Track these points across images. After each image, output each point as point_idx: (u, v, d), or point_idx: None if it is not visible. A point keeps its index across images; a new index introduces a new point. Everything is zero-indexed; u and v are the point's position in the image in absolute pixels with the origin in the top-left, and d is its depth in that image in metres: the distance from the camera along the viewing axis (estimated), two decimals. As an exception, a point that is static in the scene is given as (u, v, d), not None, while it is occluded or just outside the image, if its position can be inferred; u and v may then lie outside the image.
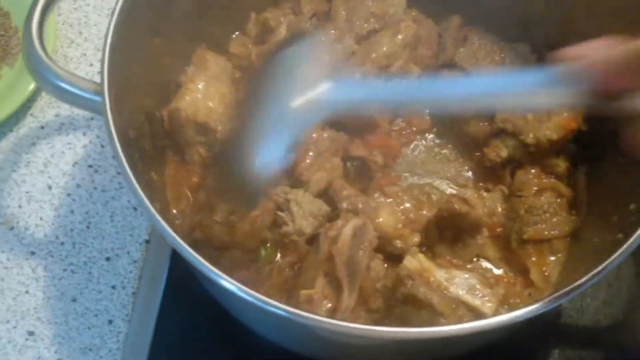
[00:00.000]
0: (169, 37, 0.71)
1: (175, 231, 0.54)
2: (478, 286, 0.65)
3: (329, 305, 0.62)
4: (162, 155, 0.72)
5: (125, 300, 0.79)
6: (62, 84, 0.60)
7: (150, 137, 0.68)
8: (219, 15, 0.77)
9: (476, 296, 0.64)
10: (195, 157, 0.73)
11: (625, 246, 0.55)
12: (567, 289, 0.51)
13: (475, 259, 0.73)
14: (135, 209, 0.85)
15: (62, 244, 0.82)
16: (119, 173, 0.87)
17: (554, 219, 0.73)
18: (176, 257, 0.81)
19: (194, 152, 0.72)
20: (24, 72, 0.91)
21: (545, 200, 0.73)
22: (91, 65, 0.96)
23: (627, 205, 0.63)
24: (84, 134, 0.90)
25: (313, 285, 0.63)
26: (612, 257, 0.54)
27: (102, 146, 0.89)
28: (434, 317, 0.61)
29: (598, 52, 0.47)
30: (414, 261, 0.66)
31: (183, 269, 0.81)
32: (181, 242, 0.53)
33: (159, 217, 0.53)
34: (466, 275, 0.66)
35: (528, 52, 0.82)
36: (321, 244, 0.65)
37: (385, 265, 0.67)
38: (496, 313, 0.62)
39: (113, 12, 0.60)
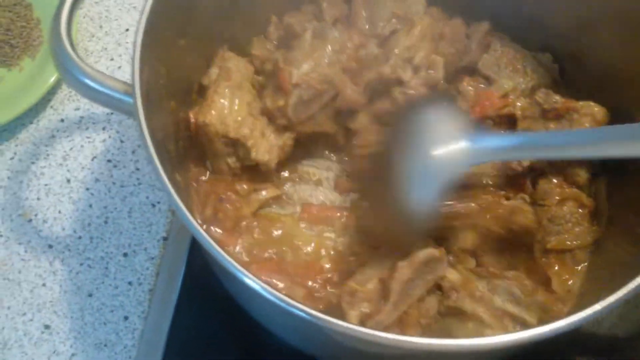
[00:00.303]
0: (193, 38, 0.70)
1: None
2: (520, 295, 0.66)
3: (367, 310, 0.61)
4: (186, 157, 0.71)
5: (142, 297, 0.79)
6: (92, 83, 0.59)
7: (174, 139, 0.68)
8: (241, 18, 0.77)
9: (519, 305, 0.64)
10: (223, 167, 0.72)
11: None
12: (607, 302, 0.51)
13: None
14: (153, 205, 0.85)
15: (80, 238, 0.82)
16: (137, 169, 0.88)
17: (577, 229, 0.72)
18: (193, 255, 0.81)
19: (222, 162, 0.71)
20: (46, 64, 0.91)
21: (568, 210, 0.73)
22: (112, 59, 0.96)
23: None
24: (104, 129, 0.90)
25: (365, 284, 0.64)
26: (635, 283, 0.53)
27: (122, 141, 0.89)
28: (481, 328, 0.61)
29: None
30: (456, 273, 0.66)
31: (200, 267, 0.81)
32: (211, 241, 0.52)
33: (191, 220, 0.52)
34: (506, 284, 0.66)
35: (550, 62, 0.82)
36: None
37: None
38: (540, 322, 0.62)
39: (143, 12, 0.59)
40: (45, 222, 0.83)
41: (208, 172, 0.73)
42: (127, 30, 0.99)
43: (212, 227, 0.71)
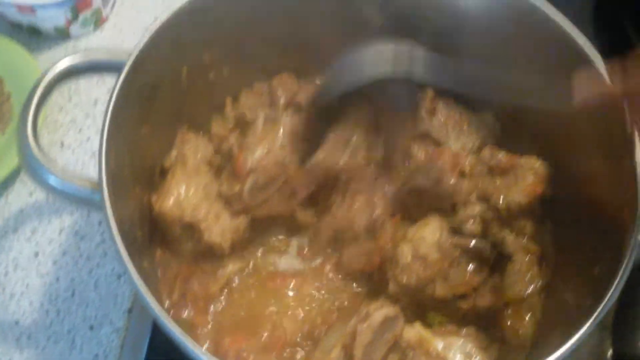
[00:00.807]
0: (155, 123, 0.74)
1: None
2: (473, 351, 0.69)
3: None
4: (152, 242, 0.74)
5: (107, 369, 0.81)
6: (60, 186, 0.63)
7: (140, 225, 0.71)
8: (198, 99, 0.80)
9: None
10: (183, 251, 0.74)
11: (593, 317, 0.58)
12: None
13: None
14: (118, 277, 0.88)
15: (47, 312, 0.85)
16: (103, 240, 0.90)
17: (527, 276, 0.76)
18: (157, 327, 0.83)
19: (181, 247, 0.74)
20: (15, 139, 0.94)
21: (518, 260, 0.77)
22: (80, 130, 0.99)
23: (592, 268, 0.66)
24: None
25: (329, 353, 0.68)
26: (581, 332, 0.58)
27: (89, 214, 0.92)
28: None
29: None
30: (413, 331, 0.69)
31: (164, 338, 0.83)
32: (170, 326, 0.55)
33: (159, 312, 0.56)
34: (461, 342, 0.70)
35: (492, 121, 0.86)
36: (353, 320, 0.69)
37: None
38: None
39: (106, 110, 0.63)
40: (12, 297, 0.86)
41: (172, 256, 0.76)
42: (96, 101, 1.02)
43: (183, 310, 0.74)
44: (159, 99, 0.74)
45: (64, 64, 0.67)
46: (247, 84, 0.85)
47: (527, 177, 0.77)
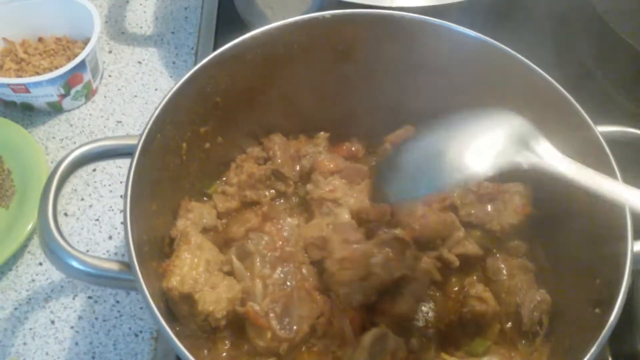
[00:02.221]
0: (161, 199, 0.79)
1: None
2: None
3: None
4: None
5: None
6: (90, 270, 0.66)
7: (162, 299, 0.74)
8: (197, 169, 0.87)
9: None
10: (193, 327, 0.75)
11: (607, 326, 0.63)
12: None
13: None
14: (136, 335, 0.91)
15: (70, 377, 0.87)
16: (117, 301, 0.93)
17: (529, 293, 0.81)
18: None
19: (191, 323, 0.75)
20: (20, 213, 0.97)
21: (519, 279, 0.83)
22: (82, 199, 1.03)
23: (594, 279, 0.71)
24: (81, 267, 0.96)
25: None
26: (599, 338, 0.62)
27: (100, 277, 0.95)
28: None
29: None
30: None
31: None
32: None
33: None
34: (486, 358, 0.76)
35: None
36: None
37: None
38: None
39: (125, 195, 0.67)
40: (33, 366, 0.87)
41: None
42: (95, 170, 1.07)
43: None
44: (162, 176, 0.79)
45: (76, 153, 0.71)
46: (240, 149, 0.93)
47: (514, 199, 0.85)
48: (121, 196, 1.04)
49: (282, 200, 0.92)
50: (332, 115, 0.95)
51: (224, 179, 0.92)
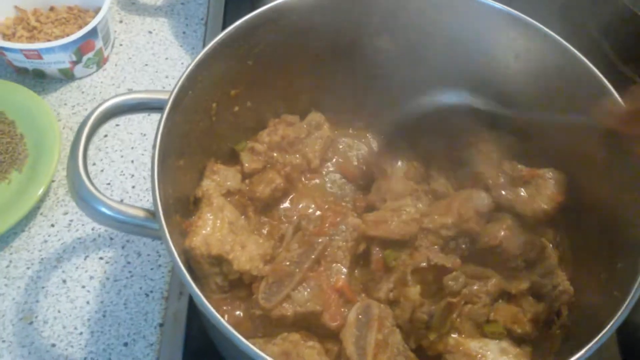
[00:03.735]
0: (189, 156, 0.80)
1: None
2: (509, 348, 0.75)
3: None
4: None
5: (146, 382, 0.85)
6: (117, 215, 0.67)
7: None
8: (225, 131, 0.88)
9: (510, 358, 0.73)
10: (213, 287, 0.77)
11: (623, 306, 0.63)
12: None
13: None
14: (147, 295, 0.92)
15: (81, 333, 0.88)
16: (128, 262, 0.95)
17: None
18: (189, 339, 0.88)
19: (211, 282, 0.77)
20: (33, 176, 0.99)
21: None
22: (94, 164, 1.04)
23: (615, 264, 0.71)
24: (93, 229, 0.98)
25: None
26: (613, 320, 0.62)
27: (111, 238, 0.97)
28: None
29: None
30: (451, 339, 0.74)
31: (197, 349, 0.88)
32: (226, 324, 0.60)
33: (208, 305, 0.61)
34: (496, 341, 0.76)
35: (510, 138, 0.91)
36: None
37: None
38: None
39: (154, 145, 0.68)
40: (46, 323, 0.89)
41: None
42: (106, 135, 1.08)
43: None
44: (191, 135, 0.80)
45: (110, 103, 0.72)
46: (270, 115, 0.93)
47: (549, 186, 0.84)
48: (132, 161, 1.05)
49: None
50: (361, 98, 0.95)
51: (255, 140, 0.91)
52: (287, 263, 0.76)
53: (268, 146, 0.89)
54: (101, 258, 0.95)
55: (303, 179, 0.93)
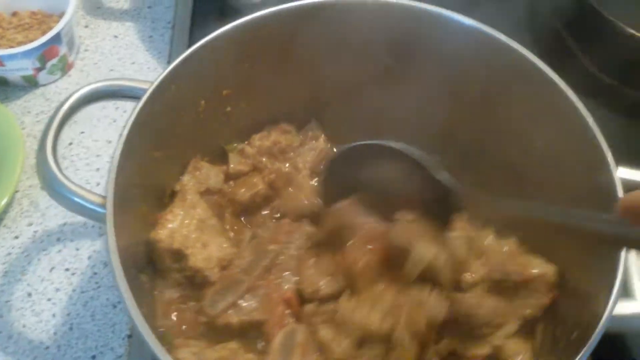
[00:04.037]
0: (168, 150, 0.78)
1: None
2: None
3: None
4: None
5: (114, 395, 0.84)
6: (75, 198, 0.68)
7: (145, 243, 0.75)
8: (214, 130, 0.86)
9: None
10: (171, 281, 0.77)
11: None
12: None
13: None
14: (114, 306, 0.90)
15: (47, 348, 0.86)
16: (95, 273, 0.93)
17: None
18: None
19: (170, 277, 0.77)
20: (-5, 187, 0.96)
21: None
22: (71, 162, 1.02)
23: (571, 333, 0.67)
24: (58, 239, 0.96)
25: None
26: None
27: (77, 249, 0.95)
28: None
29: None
30: None
31: (166, 359, 0.86)
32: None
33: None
34: None
35: None
36: None
37: None
38: None
39: (121, 135, 0.68)
40: (10, 338, 0.87)
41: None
42: (82, 132, 1.06)
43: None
44: (175, 127, 0.79)
45: (87, 88, 0.72)
46: (268, 120, 0.91)
47: (540, 289, 0.73)
48: (98, 169, 1.03)
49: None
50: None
51: (246, 142, 0.90)
52: (238, 270, 0.76)
53: (258, 150, 0.88)
54: (67, 269, 0.93)
55: (290, 189, 0.90)
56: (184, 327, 0.77)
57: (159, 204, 0.79)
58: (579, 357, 0.60)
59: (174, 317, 0.78)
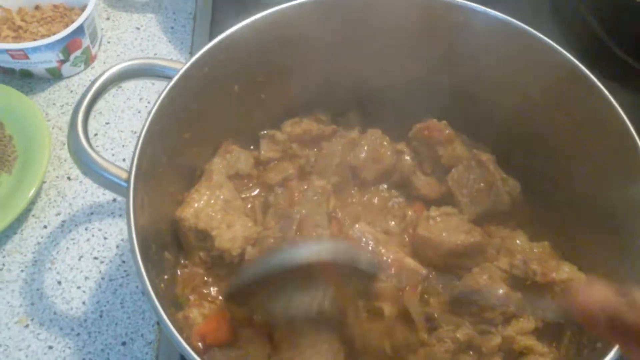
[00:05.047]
0: (199, 132, 0.79)
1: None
2: None
3: None
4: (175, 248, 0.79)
5: (145, 381, 0.84)
6: (101, 171, 0.70)
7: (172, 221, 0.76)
8: (248, 116, 0.87)
9: None
10: (196, 260, 0.79)
11: None
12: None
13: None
14: (143, 293, 0.91)
15: (78, 334, 0.87)
16: (123, 261, 0.94)
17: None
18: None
19: (195, 256, 0.79)
20: (23, 178, 0.97)
21: None
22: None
23: (596, 342, 0.67)
24: (86, 229, 0.96)
25: None
26: None
27: (105, 238, 0.95)
28: None
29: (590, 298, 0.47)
30: None
31: (196, 345, 0.87)
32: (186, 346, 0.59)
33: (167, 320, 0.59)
34: None
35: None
36: None
37: None
38: None
39: (149, 113, 0.69)
40: (42, 325, 0.88)
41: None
42: (96, 134, 1.06)
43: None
44: (207, 110, 0.79)
45: (120, 66, 0.73)
46: (304, 107, 0.91)
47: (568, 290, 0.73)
48: (124, 159, 1.04)
49: None
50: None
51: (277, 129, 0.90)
52: (272, 240, 0.77)
53: (288, 137, 0.89)
54: (95, 258, 0.94)
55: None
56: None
57: (189, 184, 0.80)
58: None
59: (191, 297, 0.79)
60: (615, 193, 0.72)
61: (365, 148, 0.88)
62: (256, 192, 0.88)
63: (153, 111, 0.69)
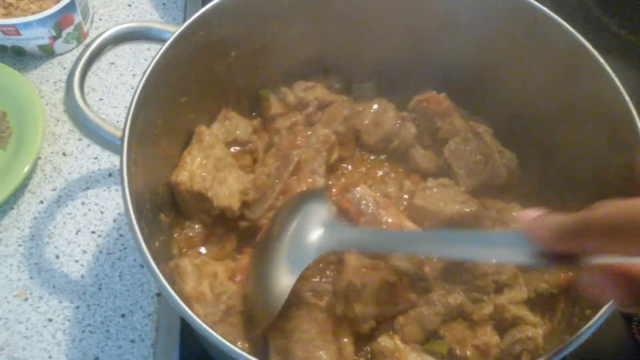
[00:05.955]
0: (196, 97, 0.79)
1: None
2: None
3: None
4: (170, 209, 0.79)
5: (146, 352, 0.85)
6: (96, 129, 0.70)
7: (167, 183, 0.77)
8: (245, 81, 0.87)
9: None
10: (197, 221, 0.80)
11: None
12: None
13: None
14: (141, 266, 0.91)
15: (78, 307, 0.88)
16: (121, 235, 0.94)
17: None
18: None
19: (196, 218, 0.79)
20: (17, 153, 0.97)
21: None
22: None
23: (585, 310, 0.68)
24: (82, 204, 0.96)
25: None
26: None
27: (102, 212, 0.96)
28: None
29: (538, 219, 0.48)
30: (390, 341, 0.71)
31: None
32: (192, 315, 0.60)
33: (163, 281, 0.60)
34: None
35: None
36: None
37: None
38: None
39: (144, 72, 0.68)
40: (41, 299, 0.88)
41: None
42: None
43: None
44: (204, 75, 0.79)
45: (116, 28, 0.73)
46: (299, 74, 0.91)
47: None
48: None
49: None
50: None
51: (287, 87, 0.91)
52: (264, 177, 0.79)
53: (300, 102, 0.89)
54: (93, 232, 0.94)
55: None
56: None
57: (186, 146, 0.81)
58: (587, 326, 0.61)
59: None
60: (611, 164, 0.73)
61: (370, 112, 0.89)
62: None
63: (148, 71, 0.69)
